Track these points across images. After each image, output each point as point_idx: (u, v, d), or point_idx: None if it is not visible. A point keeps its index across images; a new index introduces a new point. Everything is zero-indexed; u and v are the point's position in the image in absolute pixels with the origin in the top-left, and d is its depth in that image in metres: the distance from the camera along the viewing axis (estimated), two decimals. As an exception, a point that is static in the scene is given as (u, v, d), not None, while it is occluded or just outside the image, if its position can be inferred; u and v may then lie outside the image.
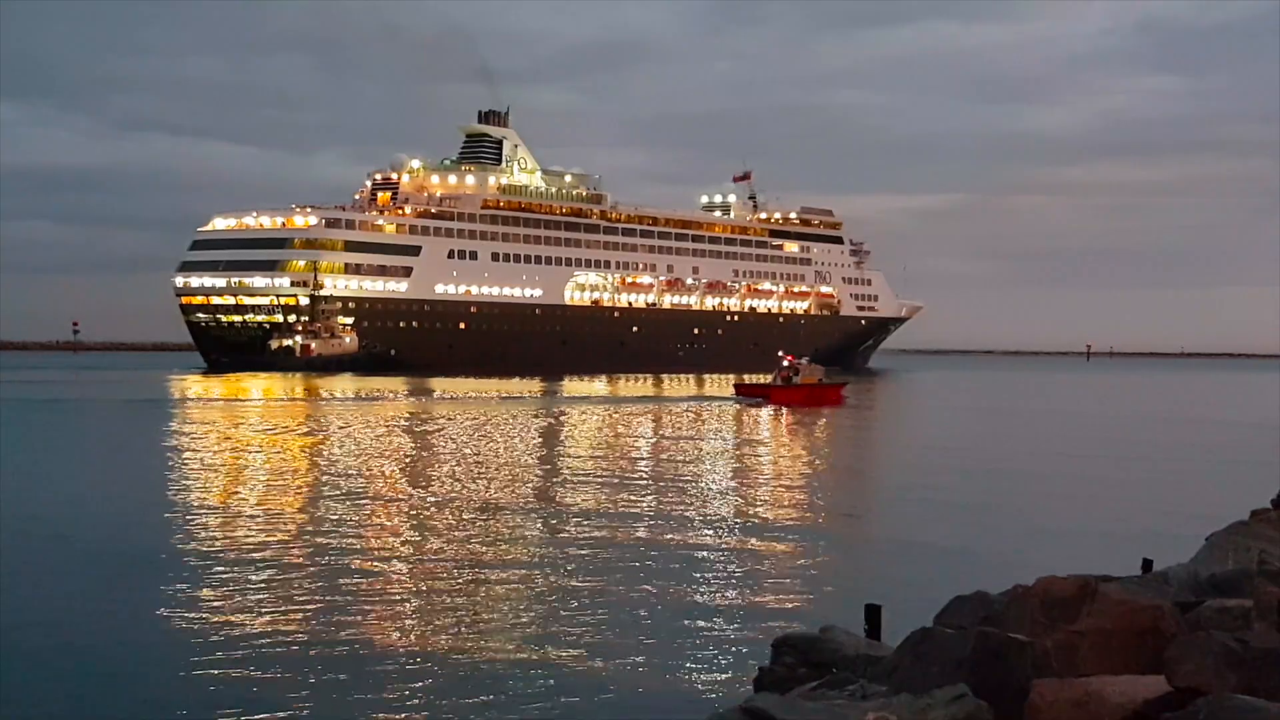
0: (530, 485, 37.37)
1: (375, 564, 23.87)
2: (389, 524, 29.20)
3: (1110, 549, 23.87)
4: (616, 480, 38.63)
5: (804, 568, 24.26)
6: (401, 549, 25.68)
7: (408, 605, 20.35)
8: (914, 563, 24.94)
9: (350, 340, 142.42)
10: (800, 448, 53.64)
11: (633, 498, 34.48)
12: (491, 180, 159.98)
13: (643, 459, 46.34)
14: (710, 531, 28.63)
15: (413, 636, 18.18)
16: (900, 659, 9.74)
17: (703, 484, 38.28)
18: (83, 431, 59.98)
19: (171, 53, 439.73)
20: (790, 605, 20.55)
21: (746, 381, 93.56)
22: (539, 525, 29.17)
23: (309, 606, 19.94)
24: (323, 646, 17.37)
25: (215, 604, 20.11)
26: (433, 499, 33.73)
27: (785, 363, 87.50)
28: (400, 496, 34.56)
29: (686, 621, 19.22)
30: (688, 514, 31.30)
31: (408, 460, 44.96)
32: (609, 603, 20.51)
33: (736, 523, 30.08)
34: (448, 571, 23.24)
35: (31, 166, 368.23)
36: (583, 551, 25.44)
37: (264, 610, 19.62)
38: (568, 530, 28.32)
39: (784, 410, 77.40)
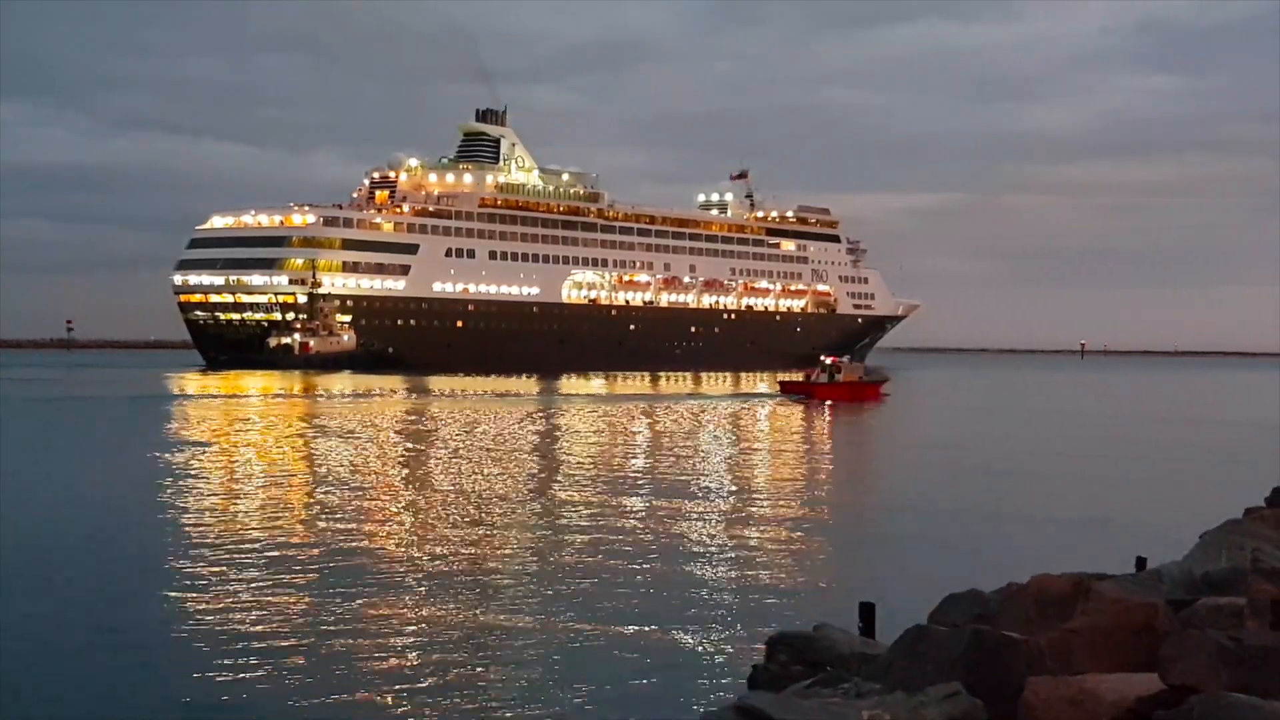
0: (528, 483, 37.36)
1: (373, 561, 23.86)
2: (388, 522, 29.21)
3: (1104, 547, 23.89)
4: (614, 478, 38.65)
5: (798, 565, 24.28)
6: (399, 547, 25.68)
7: (405, 602, 20.35)
8: (908, 561, 24.97)
9: (348, 338, 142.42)
10: (797, 446, 53.66)
11: (630, 495, 34.50)
12: (489, 179, 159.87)
13: (642, 457, 46.35)
14: (705, 529, 28.65)
15: (410, 633, 18.18)
16: (894, 657, 9.75)
17: (700, 481, 38.30)
18: (84, 429, 59.91)
19: (170, 52, 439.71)
20: (784, 603, 20.56)
21: (791, 379, 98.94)
22: (535, 522, 29.17)
23: (309, 604, 19.95)
24: (323, 643, 17.38)
25: (216, 602, 20.11)
26: (432, 496, 33.74)
27: (828, 361, 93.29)
28: (400, 494, 34.57)
29: (681, 619, 19.23)
30: (684, 511, 31.32)
31: (407, 457, 44.98)
32: (603, 600, 20.53)
33: (732, 520, 30.10)
34: (444, 568, 23.25)
35: (30, 165, 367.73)
36: (578, 548, 25.45)
37: (263, 607, 19.62)
38: (564, 527, 28.32)
39: (826, 406, 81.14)
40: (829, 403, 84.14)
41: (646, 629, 18.62)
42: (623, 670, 16.36)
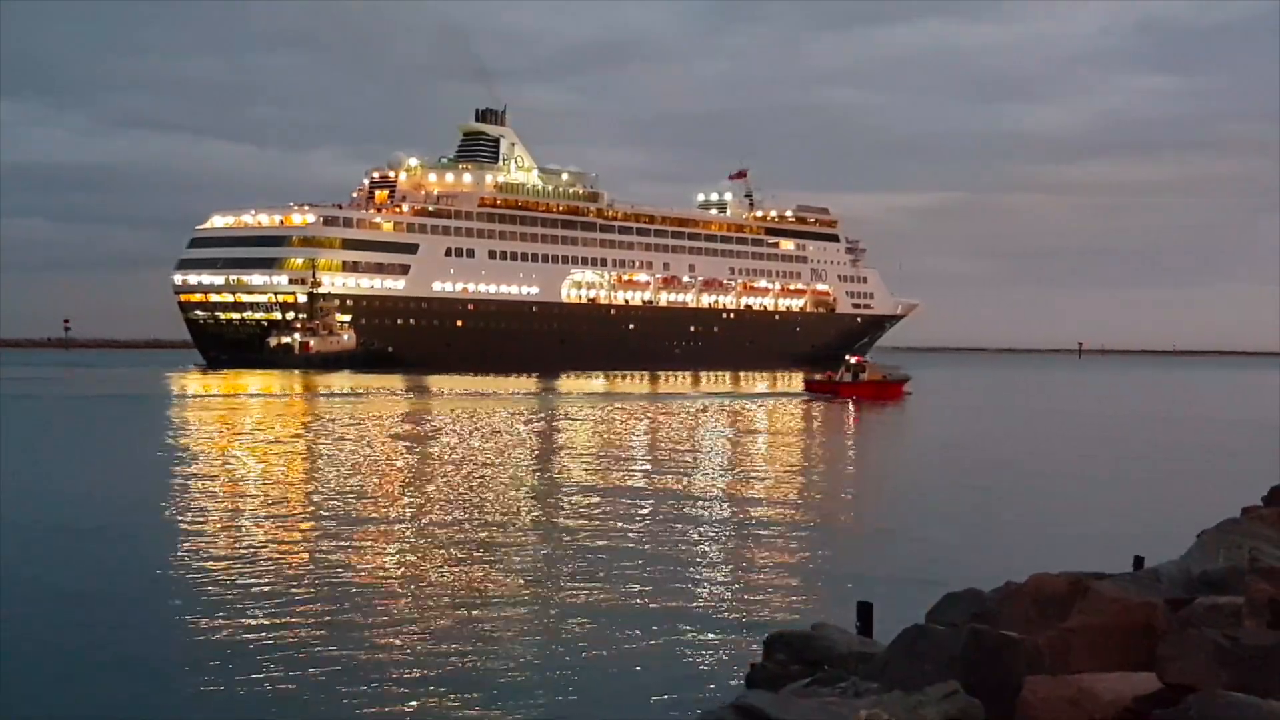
0: (528, 482, 37.33)
1: (374, 558, 23.87)
2: (387, 519, 29.18)
3: (1102, 546, 23.87)
4: (616, 477, 38.64)
5: (796, 565, 24.29)
6: (398, 544, 25.67)
7: (404, 599, 20.35)
8: (906, 560, 24.96)
9: (348, 338, 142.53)
10: (797, 445, 53.67)
11: (632, 493, 34.47)
12: (489, 178, 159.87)
13: (648, 455, 46.34)
14: (705, 527, 28.65)
15: (408, 631, 18.18)
16: (892, 656, 9.77)
17: (702, 480, 38.30)
18: (87, 428, 59.91)
19: (169, 52, 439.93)
20: (782, 602, 20.57)
21: (816, 378, 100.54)
22: (534, 520, 29.16)
23: (308, 604, 19.93)
24: (321, 644, 17.36)
25: (217, 600, 20.11)
26: (432, 494, 33.74)
27: (852, 361, 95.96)
28: (399, 492, 34.55)
29: (679, 618, 19.23)
30: (684, 509, 31.33)
31: (407, 456, 44.96)
32: (601, 598, 20.53)
33: (731, 519, 30.11)
34: (442, 566, 23.24)
35: (29, 164, 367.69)
36: (576, 547, 25.44)
37: (262, 608, 19.61)
38: (564, 525, 28.31)
39: (850, 404, 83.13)
40: (853, 402, 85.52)
41: (644, 627, 18.61)
42: (620, 668, 16.37)
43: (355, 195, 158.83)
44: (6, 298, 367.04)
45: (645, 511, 31.11)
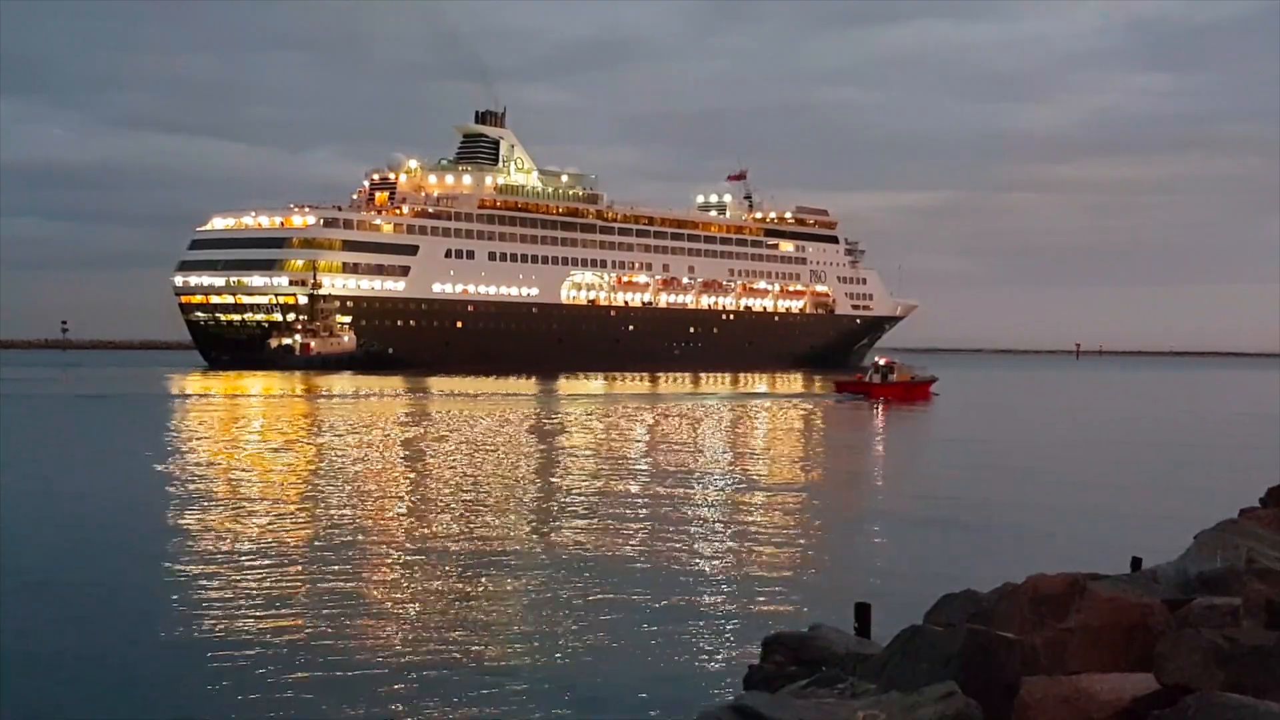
0: (528, 482, 37.38)
1: (374, 559, 23.88)
2: (387, 520, 29.22)
3: (1099, 547, 23.90)
4: (615, 477, 38.65)
5: (794, 566, 24.31)
6: (400, 545, 25.69)
7: (404, 601, 20.38)
8: (903, 561, 24.99)
9: (348, 339, 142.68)
10: (795, 446, 53.70)
11: (631, 494, 34.50)
12: (488, 180, 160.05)
13: (643, 456, 46.36)
14: (703, 528, 28.68)
15: (407, 633, 18.20)
16: (890, 657, 9.78)
17: (697, 482, 38.31)
18: (86, 429, 59.91)
19: (166, 50, 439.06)
20: (780, 603, 20.59)
21: (846, 379, 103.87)
22: (533, 521, 29.20)
23: (308, 606, 19.96)
24: (321, 645, 17.38)
25: (214, 603, 20.12)
26: (433, 496, 33.76)
27: (881, 362, 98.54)
28: (400, 493, 34.59)
29: (677, 619, 19.25)
30: (683, 510, 31.35)
31: (407, 457, 44.98)
32: (600, 601, 20.55)
33: (729, 520, 30.12)
34: (443, 567, 23.26)
35: (25, 163, 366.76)
36: (575, 550, 25.48)
37: (261, 611, 19.62)
38: (563, 526, 28.35)
39: (880, 404, 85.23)
40: (882, 402, 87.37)
41: (643, 628, 18.64)
42: (619, 669, 16.38)
43: (355, 197, 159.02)
44: (4, 298, 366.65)
45: (645, 512, 31.14)
